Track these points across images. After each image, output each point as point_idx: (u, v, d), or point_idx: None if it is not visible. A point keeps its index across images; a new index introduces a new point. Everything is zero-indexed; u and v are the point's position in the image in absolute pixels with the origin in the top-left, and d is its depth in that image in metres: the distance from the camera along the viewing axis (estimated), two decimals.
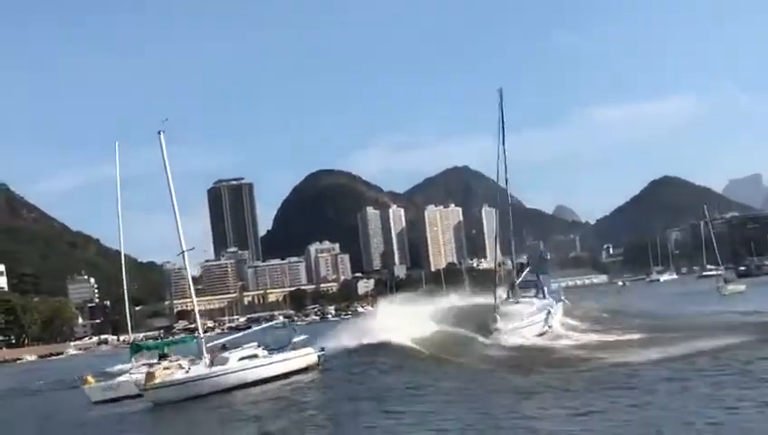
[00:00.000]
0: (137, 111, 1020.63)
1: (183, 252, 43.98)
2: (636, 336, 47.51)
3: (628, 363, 36.10)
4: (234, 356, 38.41)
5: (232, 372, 37.50)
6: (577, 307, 73.80)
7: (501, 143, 59.01)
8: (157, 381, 36.69)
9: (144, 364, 49.04)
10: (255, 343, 41.22)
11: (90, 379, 47.55)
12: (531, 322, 51.87)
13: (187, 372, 38.01)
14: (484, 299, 59.70)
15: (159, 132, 41.93)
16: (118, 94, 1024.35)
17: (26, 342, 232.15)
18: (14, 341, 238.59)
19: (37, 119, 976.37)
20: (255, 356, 38.98)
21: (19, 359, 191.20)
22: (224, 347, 41.55)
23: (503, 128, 58.93)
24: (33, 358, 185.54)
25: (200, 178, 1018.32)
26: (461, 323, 51.42)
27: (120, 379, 47.52)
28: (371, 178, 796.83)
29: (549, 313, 54.57)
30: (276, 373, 38.17)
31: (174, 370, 39.42)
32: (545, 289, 59.06)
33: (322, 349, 41.05)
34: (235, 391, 36.25)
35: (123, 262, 67.37)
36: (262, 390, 36.36)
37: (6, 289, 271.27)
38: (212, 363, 38.20)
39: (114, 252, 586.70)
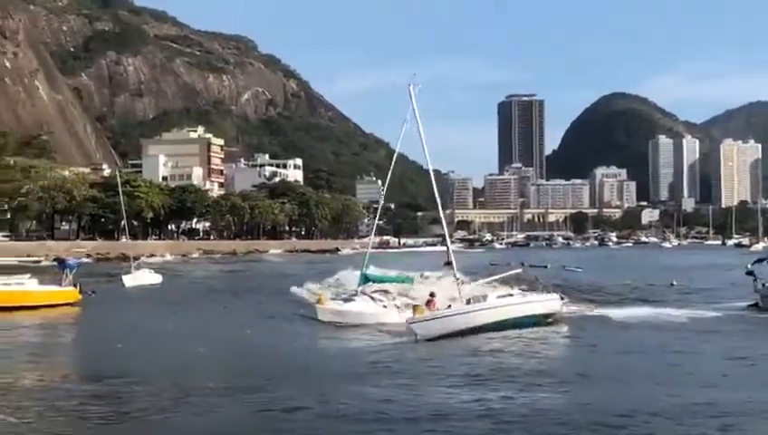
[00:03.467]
0: (431, 18, 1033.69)
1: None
2: None
3: None
4: (492, 294, 38.19)
5: (489, 309, 37.36)
6: None
7: None
8: (421, 315, 37.54)
9: (369, 295, 50.37)
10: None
11: (323, 298, 49.32)
12: None
13: (449, 307, 38.46)
14: None
15: (410, 85, 41.72)
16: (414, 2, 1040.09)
17: (315, 235, 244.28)
18: (303, 232, 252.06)
19: (338, 20, 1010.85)
20: (511, 295, 38.54)
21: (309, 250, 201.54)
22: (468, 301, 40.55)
23: None
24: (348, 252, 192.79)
25: (493, 89, 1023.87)
26: None
27: (347, 307, 49.01)
28: (667, 105, 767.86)
29: None
30: (528, 314, 37.60)
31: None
32: None
33: (562, 296, 39.78)
34: (490, 332, 36.07)
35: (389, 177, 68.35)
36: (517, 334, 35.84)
37: (302, 183, 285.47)
38: (469, 302, 38.31)
39: (402, 157, 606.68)
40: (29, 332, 39.29)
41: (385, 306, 49.89)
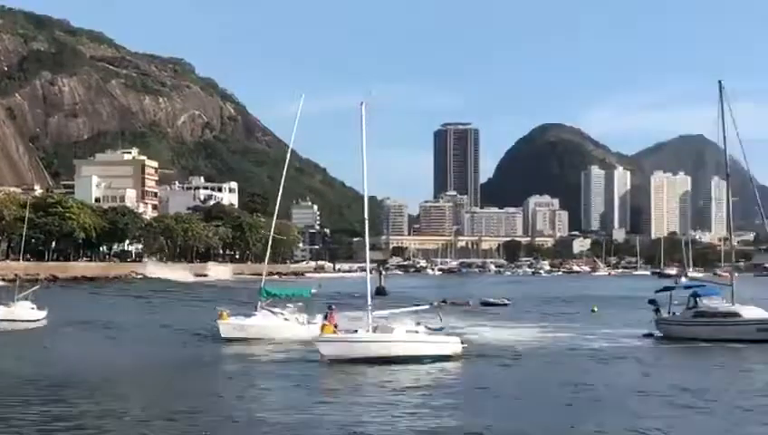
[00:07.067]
0: (366, 45, 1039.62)
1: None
2: None
3: None
4: (400, 328, 39.44)
5: (397, 342, 38.62)
6: None
7: (723, 138, 55.13)
8: (330, 335, 38.44)
9: (268, 310, 51.26)
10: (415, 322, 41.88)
11: (225, 314, 49.87)
12: None
13: (356, 332, 39.45)
14: None
15: (362, 103, 42.75)
16: (360, 28, 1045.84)
17: (249, 259, 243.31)
18: (237, 256, 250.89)
19: (276, 46, 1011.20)
20: (417, 332, 39.90)
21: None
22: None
23: (723, 121, 55.03)
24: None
25: (430, 116, 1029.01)
26: None
27: (249, 322, 49.90)
28: (600, 136, 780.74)
29: None
30: (431, 353, 38.99)
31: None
32: None
33: (463, 341, 41.65)
34: (395, 363, 37.28)
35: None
36: (422, 368, 37.05)
37: (237, 206, 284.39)
38: (375, 330, 39.38)
39: (339, 182, 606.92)
40: None
41: (286, 319, 50.84)
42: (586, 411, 28.06)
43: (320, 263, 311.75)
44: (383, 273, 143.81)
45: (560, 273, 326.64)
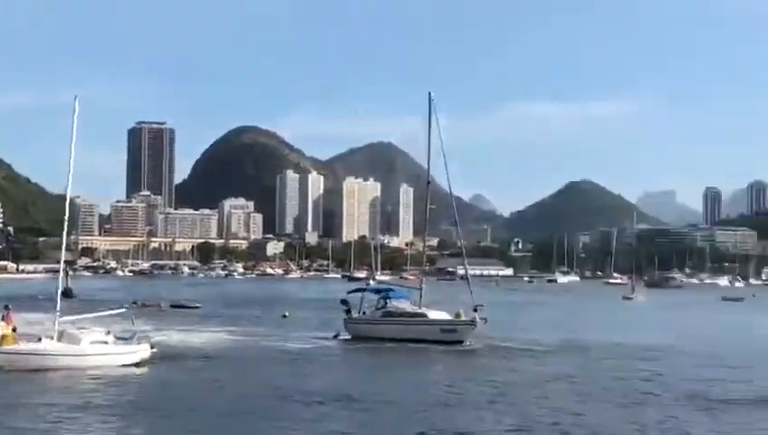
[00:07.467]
0: (67, 37, 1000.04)
1: None
2: None
3: None
4: (86, 338, 38.36)
5: (82, 355, 37.62)
6: None
7: (428, 148, 58.43)
8: (9, 347, 36.76)
9: None
10: (105, 330, 40.98)
11: None
12: None
13: (39, 341, 37.96)
14: None
15: (75, 97, 41.59)
16: (52, 23, 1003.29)
17: None
18: None
19: None
20: (105, 342, 39.05)
21: None
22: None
23: (429, 131, 58.14)
24: None
25: (123, 114, 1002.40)
26: None
27: None
28: (295, 141, 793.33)
29: None
30: (119, 364, 38.30)
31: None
32: None
33: (152, 346, 41.28)
34: (79, 371, 36.19)
35: None
36: (106, 375, 36.17)
37: None
38: (60, 339, 38.07)
39: (24, 179, 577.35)
40: None
41: None
42: (270, 413, 28.28)
43: (1, 263, 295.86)
44: (70, 274, 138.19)
45: (253, 275, 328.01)
